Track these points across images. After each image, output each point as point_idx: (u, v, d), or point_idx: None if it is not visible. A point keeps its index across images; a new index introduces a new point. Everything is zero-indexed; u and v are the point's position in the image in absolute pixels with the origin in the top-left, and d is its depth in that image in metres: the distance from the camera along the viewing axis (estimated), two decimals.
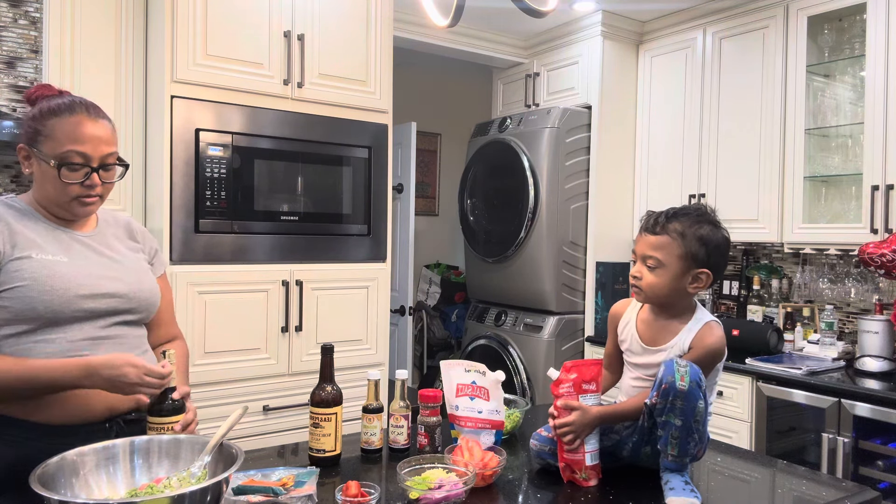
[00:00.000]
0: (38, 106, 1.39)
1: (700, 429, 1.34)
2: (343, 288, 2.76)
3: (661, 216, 1.47)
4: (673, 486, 1.33)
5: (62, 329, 1.35)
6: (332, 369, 1.53)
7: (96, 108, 1.41)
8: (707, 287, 1.48)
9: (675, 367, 1.32)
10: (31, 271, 1.33)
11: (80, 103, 1.39)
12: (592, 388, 1.44)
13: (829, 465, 2.43)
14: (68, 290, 1.35)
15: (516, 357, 3.54)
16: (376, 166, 2.85)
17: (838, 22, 2.91)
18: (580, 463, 1.40)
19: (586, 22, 3.52)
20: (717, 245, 1.45)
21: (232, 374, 2.50)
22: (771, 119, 3.00)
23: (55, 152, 1.35)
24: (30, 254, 1.34)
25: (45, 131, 1.36)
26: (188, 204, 2.42)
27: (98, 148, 1.38)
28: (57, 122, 1.36)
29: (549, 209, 3.44)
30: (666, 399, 1.31)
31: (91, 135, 1.37)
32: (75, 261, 1.39)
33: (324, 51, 2.68)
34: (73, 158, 1.36)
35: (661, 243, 1.45)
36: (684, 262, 1.44)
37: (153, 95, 2.51)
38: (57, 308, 1.33)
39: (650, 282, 1.46)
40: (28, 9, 2.62)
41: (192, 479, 1.15)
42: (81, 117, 1.37)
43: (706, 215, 1.48)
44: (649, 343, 1.52)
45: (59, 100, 1.40)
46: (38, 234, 1.38)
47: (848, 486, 1.44)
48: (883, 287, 2.87)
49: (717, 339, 1.45)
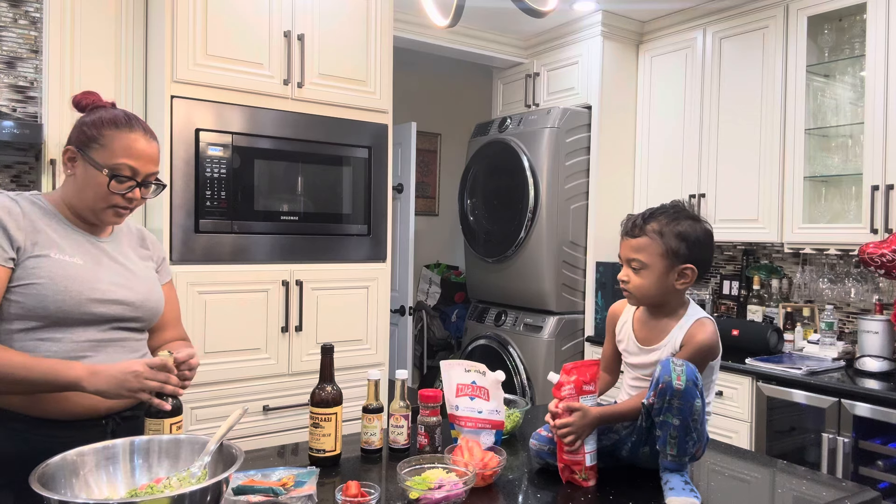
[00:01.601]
0: (97, 114, 1.44)
1: (698, 428, 1.34)
2: (343, 288, 2.76)
3: (639, 218, 1.49)
4: (673, 486, 1.33)
5: (69, 330, 1.38)
6: (332, 369, 1.53)
7: (151, 130, 1.48)
8: (694, 282, 1.49)
9: (672, 366, 1.32)
10: (48, 270, 1.36)
11: (138, 122, 1.46)
12: (591, 388, 1.44)
13: (829, 465, 2.43)
14: (81, 292, 1.38)
15: (516, 357, 3.54)
16: (376, 166, 2.85)
17: (838, 22, 2.91)
18: (580, 463, 1.40)
19: (586, 22, 3.52)
20: (698, 239, 1.47)
21: (232, 374, 2.50)
22: (771, 119, 3.00)
23: (108, 162, 1.40)
24: (48, 253, 1.37)
25: (101, 140, 1.40)
26: (188, 204, 2.42)
27: (147, 166, 1.44)
28: (116, 134, 1.41)
29: (549, 209, 3.44)
30: (663, 399, 1.31)
31: (144, 153, 1.43)
32: (90, 265, 1.43)
33: (324, 51, 2.68)
34: (124, 171, 1.41)
35: (642, 245, 1.46)
36: (667, 259, 1.45)
37: (153, 95, 2.51)
38: (68, 309, 1.36)
39: (637, 284, 1.48)
40: (28, 9, 2.62)
41: (192, 479, 1.15)
42: (139, 135, 1.43)
43: (683, 211, 1.49)
44: (644, 343, 1.53)
45: (117, 112, 1.45)
46: (59, 235, 1.41)
47: (848, 486, 1.44)
48: (883, 287, 2.87)
49: (708, 335, 1.45)
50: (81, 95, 1.49)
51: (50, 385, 1.31)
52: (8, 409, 1.35)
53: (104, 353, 1.42)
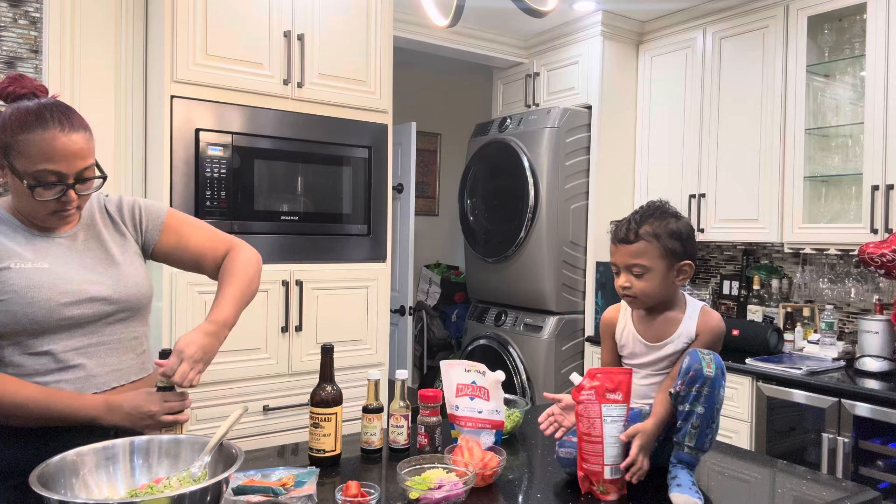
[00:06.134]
0: (8, 113, 1.28)
1: (717, 418, 1.37)
2: (343, 288, 2.76)
3: (631, 223, 1.50)
4: (680, 483, 1.33)
5: (52, 339, 1.32)
6: (332, 369, 1.53)
7: (69, 118, 1.29)
8: (691, 275, 1.52)
9: (701, 354, 1.35)
10: (11, 284, 1.28)
11: (52, 115, 1.27)
12: (617, 398, 1.36)
13: (829, 465, 2.43)
14: (50, 299, 1.30)
15: (516, 357, 3.54)
16: (376, 166, 2.85)
17: (838, 22, 2.91)
18: (598, 475, 1.34)
19: (586, 22, 3.52)
20: (688, 234, 1.51)
21: (232, 374, 2.50)
22: (771, 119, 3.00)
23: (28, 170, 1.25)
24: (8, 265, 1.29)
25: (16, 147, 1.25)
26: (188, 204, 2.42)
27: (73, 164, 1.28)
28: (28, 138, 1.24)
29: (549, 209, 3.44)
30: (691, 386, 1.33)
31: (65, 151, 1.26)
32: (56, 267, 1.34)
33: (324, 51, 2.68)
34: (47, 178, 1.26)
35: (641, 249, 1.47)
36: (666, 260, 1.48)
37: (153, 95, 2.51)
38: (40, 319, 1.29)
39: (641, 288, 1.48)
40: (28, 9, 2.62)
41: (191, 479, 1.15)
42: (54, 133, 1.25)
43: (667, 210, 1.52)
44: (653, 340, 1.53)
45: (28, 108, 1.27)
46: (16, 243, 1.32)
47: (848, 486, 1.44)
48: (883, 287, 2.87)
49: (718, 320, 1.52)
50: (6, 82, 1.32)
51: (66, 421, 1.29)
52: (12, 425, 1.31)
53: (96, 359, 1.37)
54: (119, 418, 1.30)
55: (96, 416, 1.30)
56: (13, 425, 1.30)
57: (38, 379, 1.31)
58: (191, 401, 1.37)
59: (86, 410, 1.30)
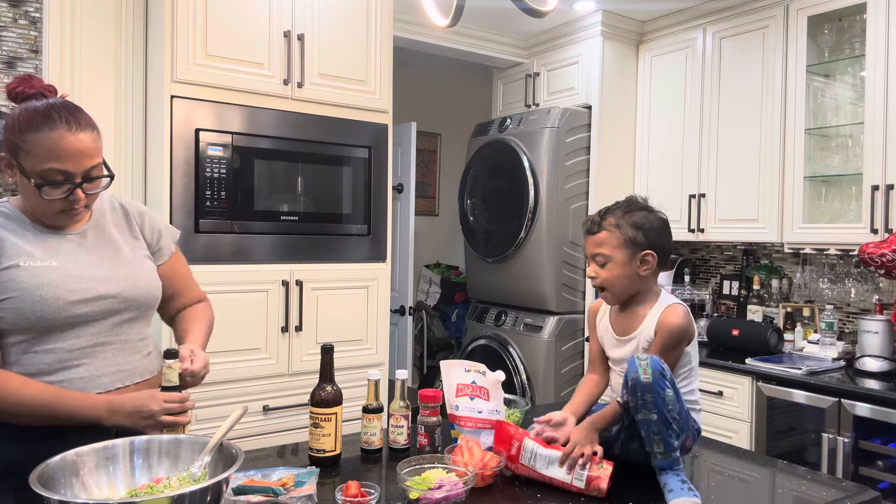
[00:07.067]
0: (17, 113, 1.30)
1: (677, 418, 1.35)
2: (343, 288, 2.76)
3: (596, 216, 1.58)
4: (672, 489, 1.33)
5: (59, 337, 1.33)
6: (332, 369, 1.53)
7: (77, 118, 1.30)
8: (655, 266, 1.54)
9: (637, 362, 1.36)
10: (20, 281, 1.29)
11: (60, 115, 1.29)
12: (516, 434, 1.45)
13: (829, 465, 2.43)
14: (58, 297, 1.31)
15: (516, 357, 3.54)
16: (376, 166, 2.85)
17: (838, 22, 2.91)
18: (573, 487, 1.37)
19: (586, 22, 3.52)
20: (653, 226, 1.54)
21: (232, 374, 2.50)
22: (771, 119, 3.00)
23: (35, 169, 1.27)
24: (18, 262, 1.31)
25: (24, 146, 1.27)
26: (188, 204, 2.42)
27: (80, 163, 1.29)
28: (36, 138, 1.26)
29: (549, 209, 3.44)
30: (635, 395, 1.34)
31: (73, 151, 1.28)
32: (65, 265, 1.35)
33: (324, 51, 2.68)
34: (55, 177, 1.28)
35: (602, 239, 1.54)
36: (627, 248, 1.52)
37: (153, 95, 2.51)
38: (48, 317, 1.31)
39: (605, 276, 1.54)
40: (28, 9, 2.62)
41: (191, 480, 1.15)
42: (61, 132, 1.27)
43: (636, 203, 1.57)
44: (621, 333, 1.57)
45: (37, 107, 1.29)
46: (25, 241, 1.34)
47: (848, 486, 1.44)
48: (883, 287, 2.87)
49: (679, 318, 1.49)
50: (14, 83, 1.33)
51: (69, 421, 1.30)
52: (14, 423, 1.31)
53: (102, 359, 1.38)
54: (121, 419, 1.31)
55: (99, 416, 1.31)
56: (16, 424, 1.30)
57: (43, 378, 1.32)
58: (193, 402, 1.36)
59: (89, 411, 1.30)
